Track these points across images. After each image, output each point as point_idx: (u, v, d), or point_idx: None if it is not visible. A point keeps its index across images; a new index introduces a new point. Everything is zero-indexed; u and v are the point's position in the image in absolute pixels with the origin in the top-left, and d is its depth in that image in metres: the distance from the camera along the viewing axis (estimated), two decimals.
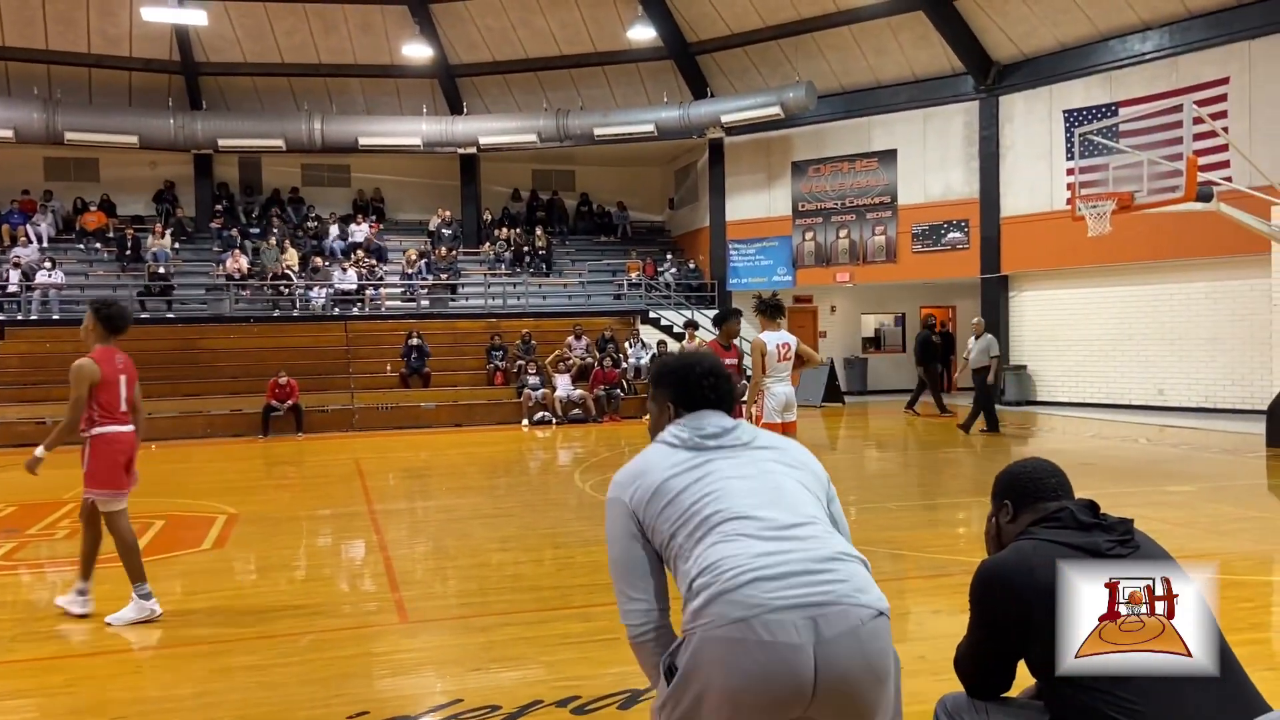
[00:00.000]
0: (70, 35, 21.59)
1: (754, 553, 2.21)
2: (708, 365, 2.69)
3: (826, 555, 2.23)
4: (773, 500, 2.35)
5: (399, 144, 23.25)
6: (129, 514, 6.43)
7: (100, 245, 22.23)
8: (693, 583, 2.23)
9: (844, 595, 2.16)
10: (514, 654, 5.13)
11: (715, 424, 2.56)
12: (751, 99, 21.56)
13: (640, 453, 2.61)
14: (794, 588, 2.14)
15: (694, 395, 2.65)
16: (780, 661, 2.08)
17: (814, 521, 2.34)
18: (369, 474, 12.44)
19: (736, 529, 2.27)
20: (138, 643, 5.47)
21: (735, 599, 2.13)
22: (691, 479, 2.43)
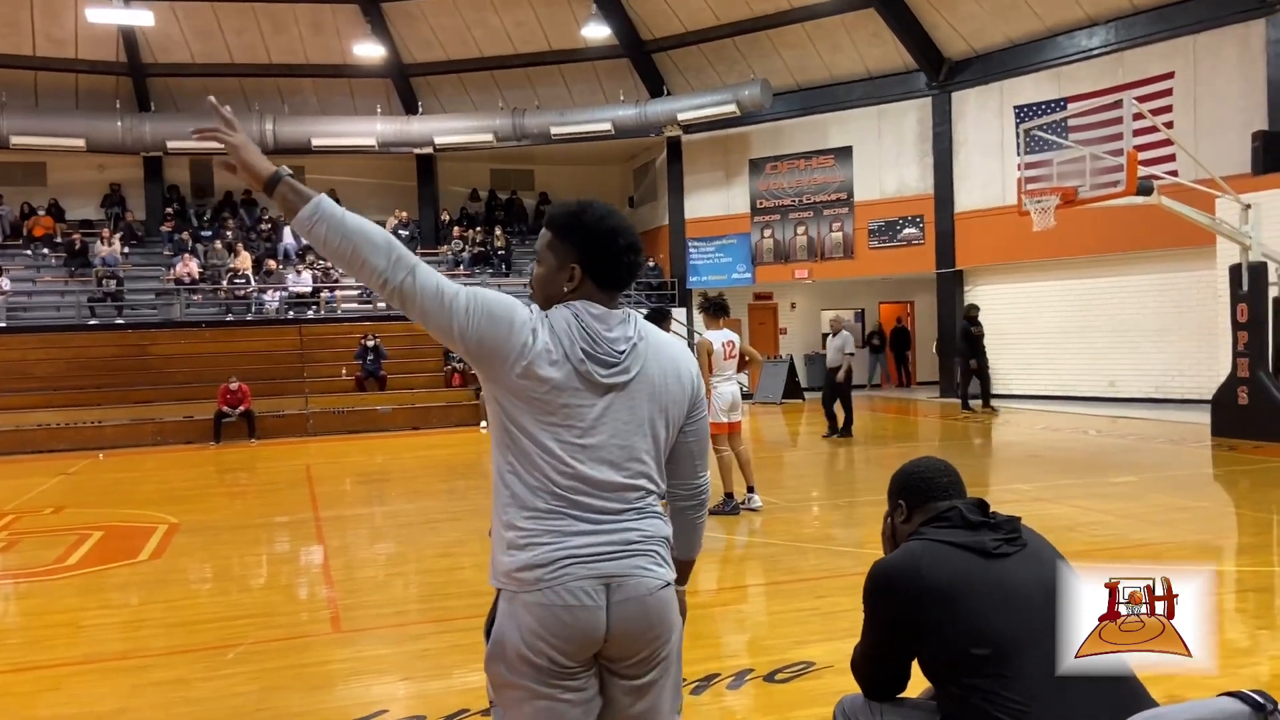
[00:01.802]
0: (14, 38, 21.13)
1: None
2: (632, 235, 2.25)
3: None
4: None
5: (354, 144, 23.01)
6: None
7: (48, 250, 21.80)
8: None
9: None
10: (447, 662, 5.07)
11: (619, 333, 2.18)
12: (707, 97, 21.55)
13: (533, 313, 2.17)
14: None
15: (612, 268, 2.22)
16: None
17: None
18: (319, 480, 12.28)
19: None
20: (58, 658, 5.34)
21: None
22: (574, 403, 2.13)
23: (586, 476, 2.11)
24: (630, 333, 2.18)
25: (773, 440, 15.47)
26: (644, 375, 2.18)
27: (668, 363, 2.24)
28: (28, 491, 11.75)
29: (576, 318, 2.15)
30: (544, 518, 2.10)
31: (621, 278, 2.22)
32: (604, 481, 2.12)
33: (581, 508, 2.11)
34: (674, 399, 2.24)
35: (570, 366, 2.11)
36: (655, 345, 2.23)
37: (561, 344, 2.12)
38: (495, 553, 2.16)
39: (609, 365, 2.14)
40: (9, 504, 10.74)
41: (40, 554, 7.99)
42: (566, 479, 2.10)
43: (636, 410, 2.17)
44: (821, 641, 5.03)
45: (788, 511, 8.81)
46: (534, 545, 2.09)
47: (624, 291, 2.26)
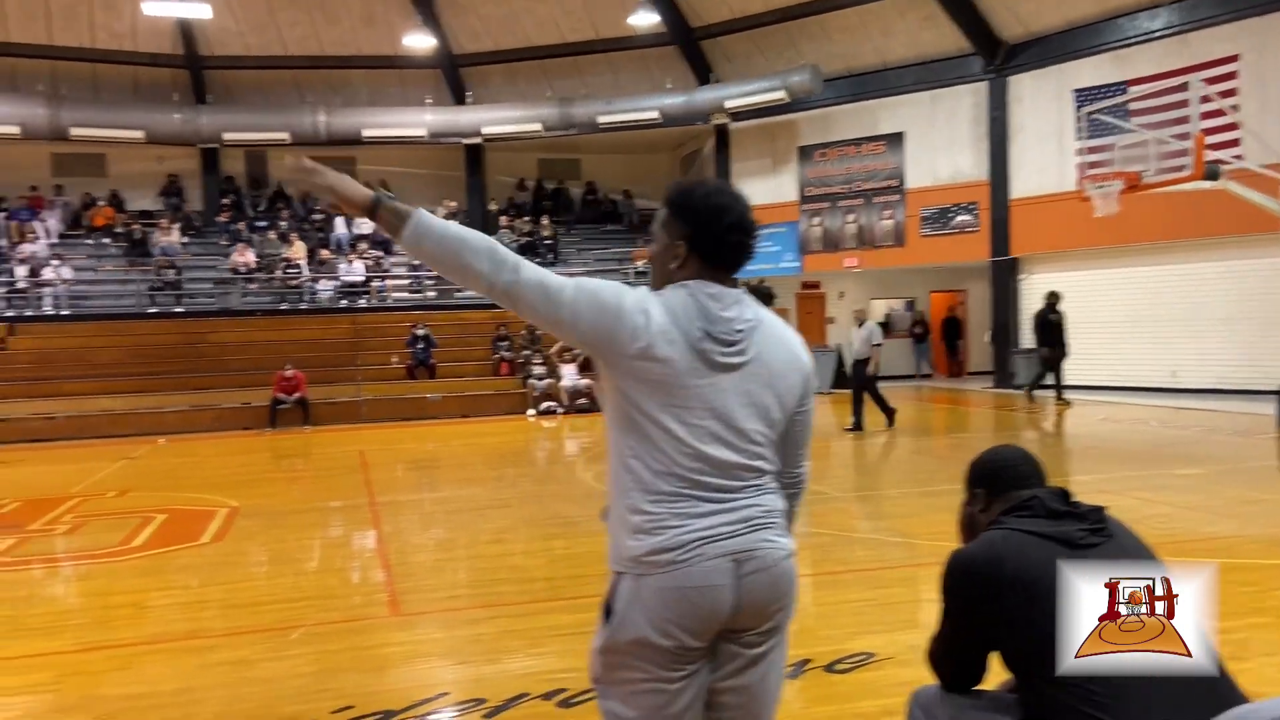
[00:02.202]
0: (74, 30, 21.59)
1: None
2: (739, 214, 2.19)
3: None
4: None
5: (404, 135, 23.19)
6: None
7: (109, 240, 22.30)
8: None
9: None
10: (502, 646, 5.08)
11: (735, 313, 2.15)
12: (756, 84, 21.36)
13: (646, 296, 2.15)
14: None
15: (716, 246, 2.19)
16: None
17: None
18: (373, 466, 12.43)
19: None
20: (125, 638, 5.45)
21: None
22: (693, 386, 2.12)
23: (709, 457, 2.11)
24: (747, 314, 2.17)
25: (820, 431, 15.34)
26: (761, 359, 2.17)
27: (784, 349, 2.24)
28: (92, 475, 12.03)
29: (692, 297, 2.13)
30: (670, 500, 2.10)
31: (727, 257, 2.19)
32: (725, 461, 2.12)
33: (705, 488, 2.11)
34: (789, 386, 2.23)
35: (688, 345, 2.10)
36: (772, 330, 2.22)
37: (679, 323, 2.11)
38: (618, 537, 2.16)
39: (727, 345, 2.13)
40: (74, 487, 11.01)
41: (106, 536, 8.18)
42: (690, 460, 2.10)
43: (753, 393, 2.16)
44: (881, 633, 4.97)
45: (837, 502, 8.73)
46: (662, 529, 2.09)
47: (735, 272, 2.22)
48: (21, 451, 14.62)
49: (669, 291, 2.16)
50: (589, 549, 7.17)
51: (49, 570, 7.41)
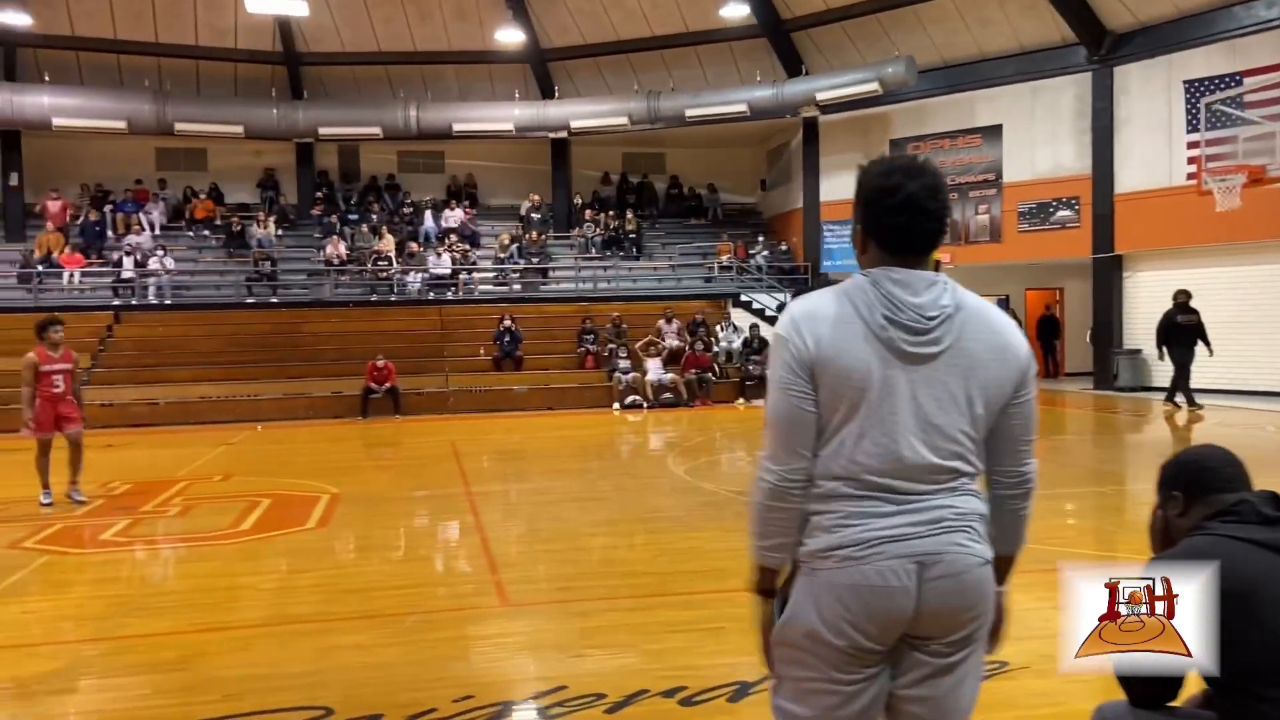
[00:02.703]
0: (178, 28, 22.27)
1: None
2: (908, 193, 2.02)
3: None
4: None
5: (492, 129, 23.38)
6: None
7: (209, 232, 22.98)
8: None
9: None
10: (615, 641, 5.02)
11: (927, 298, 2.01)
12: (848, 76, 20.98)
13: (822, 291, 2.09)
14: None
15: (886, 229, 2.06)
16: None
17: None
18: (464, 456, 12.53)
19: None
20: (244, 620, 5.53)
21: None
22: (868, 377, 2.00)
23: (897, 455, 2.00)
24: (944, 300, 2.01)
25: None
26: (960, 348, 2.01)
27: (990, 336, 2.05)
28: (196, 460, 12.36)
29: (874, 284, 2.02)
30: (850, 500, 2.02)
31: (902, 240, 2.03)
32: (914, 461, 2.00)
33: (889, 489, 2.00)
34: (995, 377, 2.05)
35: (873, 336, 1.99)
36: (976, 316, 2.05)
37: (859, 312, 2.00)
38: (800, 535, 2.09)
39: (916, 333, 1.99)
40: (180, 471, 11.32)
41: (215, 519, 8.37)
42: (871, 459, 2.00)
43: (950, 385, 2.01)
44: (1011, 640, 4.76)
45: None
46: (841, 527, 2.01)
47: (922, 255, 2.05)
48: (128, 435, 15.10)
49: (846, 284, 2.06)
50: (693, 545, 7.07)
51: (164, 551, 7.59)
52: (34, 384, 8.68)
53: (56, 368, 8.77)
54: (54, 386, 8.74)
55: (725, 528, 7.54)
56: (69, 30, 21.76)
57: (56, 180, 22.46)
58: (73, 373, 8.94)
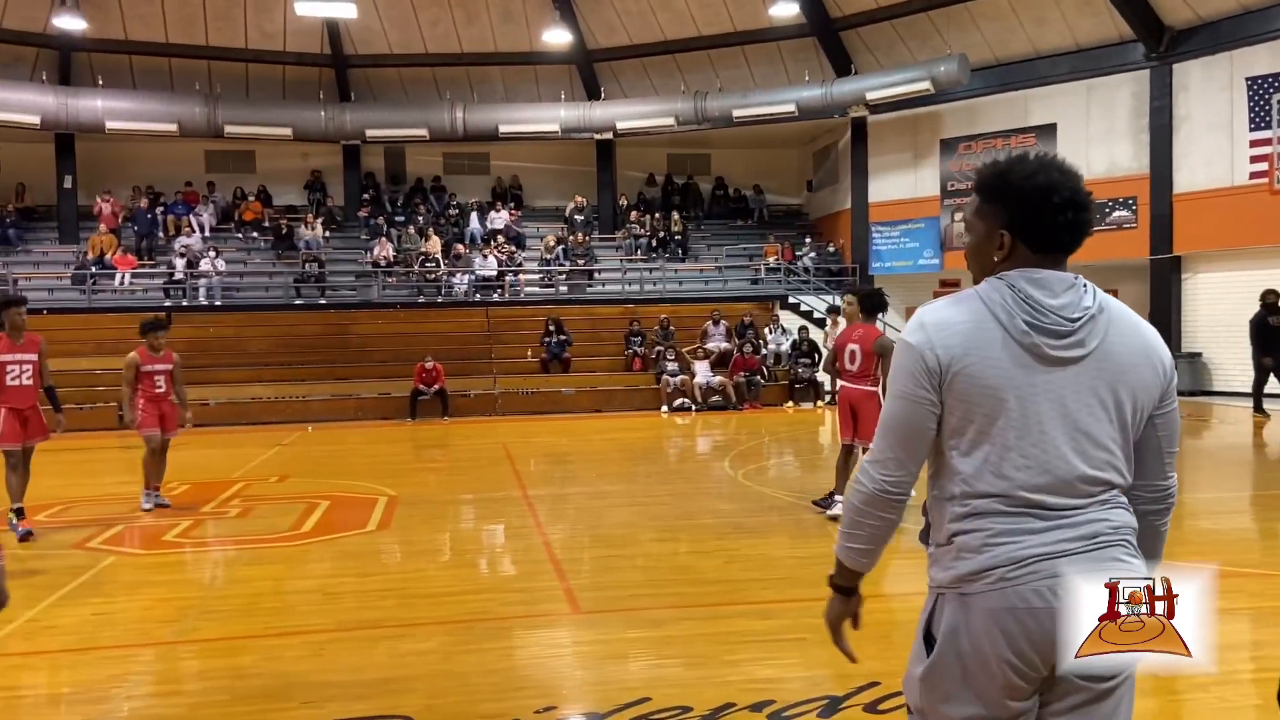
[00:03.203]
0: (229, 31, 22.50)
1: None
2: (1070, 189, 1.95)
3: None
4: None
5: (537, 131, 23.38)
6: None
7: (257, 234, 23.19)
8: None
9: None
10: (693, 651, 4.89)
11: (1069, 299, 1.92)
12: (899, 74, 20.70)
13: (954, 297, 2.01)
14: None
15: (1047, 230, 1.96)
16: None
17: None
18: (517, 458, 12.47)
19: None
20: (315, 625, 5.47)
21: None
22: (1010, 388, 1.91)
23: (1048, 466, 1.90)
24: (1086, 301, 1.94)
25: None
26: (1105, 351, 1.93)
27: (1135, 339, 1.98)
28: (251, 460, 12.42)
29: (1012, 287, 1.93)
30: (1001, 516, 1.91)
31: (1061, 240, 1.96)
32: (1067, 471, 1.90)
33: (1038, 504, 1.90)
34: (1144, 383, 1.97)
35: (1013, 342, 1.90)
36: (1120, 319, 1.97)
37: (998, 318, 1.91)
38: (942, 559, 1.98)
39: (1059, 336, 1.90)
40: (236, 471, 11.36)
41: (276, 521, 8.36)
42: (1020, 471, 1.90)
43: (1098, 390, 1.92)
44: None
45: None
46: (992, 546, 1.90)
47: (1069, 254, 1.99)
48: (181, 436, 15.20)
49: (982, 288, 1.97)
50: (761, 551, 6.93)
51: (228, 553, 7.58)
52: (134, 384, 8.62)
53: (158, 368, 8.72)
54: (156, 387, 8.69)
55: (792, 534, 7.40)
56: (122, 34, 22.07)
57: (109, 183, 22.79)
58: (174, 374, 8.87)
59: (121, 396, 8.85)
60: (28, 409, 7.63)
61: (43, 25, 21.14)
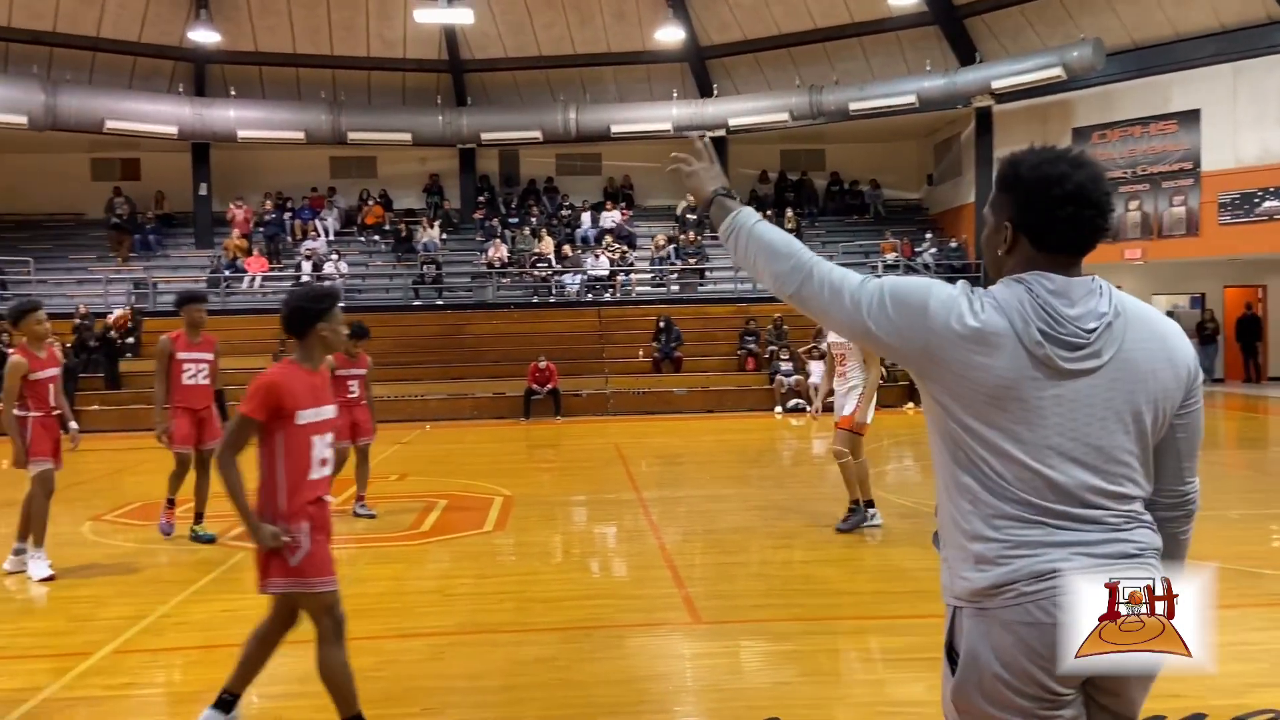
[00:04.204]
0: (352, 40, 23.16)
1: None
2: (1077, 183, 1.81)
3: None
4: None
5: (649, 130, 23.28)
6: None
7: (378, 237, 23.80)
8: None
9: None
10: (824, 668, 4.64)
11: (1085, 308, 1.81)
12: (1028, 61, 19.81)
13: (975, 296, 1.86)
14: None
15: (1047, 225, 1.84)
16: None
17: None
18: (630, 459, 12.35)
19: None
20: (434, 627, 5.42)
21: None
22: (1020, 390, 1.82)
23: (1057, 483, 1.81)
24: (1102, 308, 1.82)
25: None
26: (1122, 358, 1.82)
27: (1153, 342, 1.87)
28: (371, 458, 12.60)
29: (1029, 292, 1.82)
30: (1016, 528, 1.82)
31: (1065, 238, 1.83)
32: (1080, 485, 1.81)
33: (1059, 516, 1.81)
34: (1163, 386, 1.86)
35: (1024, 351, 1.79)
36: (1137, 321, 1.86)
37: (1013, 325, 1.80)
38: (956, 567, 1.89)
39: (1074, 348, 1.80)
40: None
41: (396, 519, 8.43)
42: (1035, 486, 1.81)
43: (1113, 401, 1.82)
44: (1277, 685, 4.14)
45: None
46: (1010, 559, 1.81)
47: (1081, 255, 1.85)
48: None
49: (999, 288, 1.86)
50: (890, 562, 6.61)
51: (348, 551, 7.64)
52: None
53: (353, 373, 8.32)
54: (349, 392, 8.23)
55: (921, 544, 7.02)
56: (252, 46, 22.95)
57: (241, 189, 23.74)
58: (366, 378, 8.46)
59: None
60: (202, 409, 7.39)
61: (179, 39, 22.16)
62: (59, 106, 20.67)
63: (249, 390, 3.64)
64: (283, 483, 3.68)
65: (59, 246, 23.32)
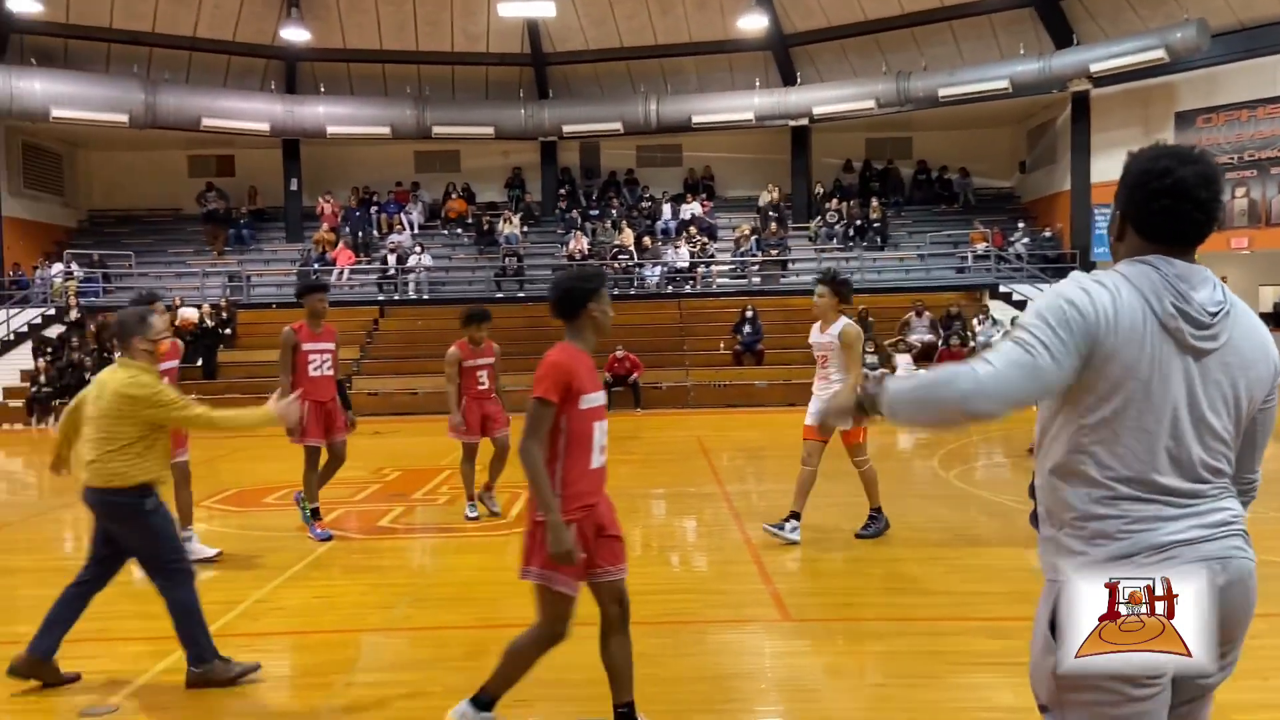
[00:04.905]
0: (437, 36, 23.46)
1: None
2: (1174, 179, 1.92)
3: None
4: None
5: (731, 120, 23.07)
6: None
7: (461, 230, 24.11)
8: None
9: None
10: (918, 670, 4.48)
11: (1206, 294, 1.93)
12: (1129, 43, 19.01)
13: (1097, 274, 1.98)
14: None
15: (1147, 217, 1.96)
16: None
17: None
18: (712, 452, 12.25)
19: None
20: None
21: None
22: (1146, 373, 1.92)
23: (1174, 455, 1.93)
24: (1219, 296, 1.96)
25: None
26: (1233, 346, 1.96)
27: (1255, 336, 2.02)
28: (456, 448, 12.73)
29: (1157, 271, 1.94)
30: (1130, 502, 1.93)
31: (1162, 229, 1.95)
32: (1191, 460, 1.94)
33: (1170, 490, 1.93)
34: (1259, 379, 2.01)
35: (1158, 325, 1.91)
36: (1241, 315, 2.00)
37: (1146, 299, 1.92)
38: (1064, 543, 1.99)
39: (1201, 327, 1.92)
40: (444, 459, 11.69)
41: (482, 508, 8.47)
42: (1153, 458, 1.92)
43: (1222, 385, 1.96)
44: None
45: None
46: (1130, 533, 1.92)
47: (1188, 247, 1.95)
48: (393, 423, 15.96)
49: (1125, 266, 1.98)
50: (985, 562, 6.38)
51: (438, 540, 7.74)
52: (458, 380, 7.78)
53: (480, 363, 7.85)
54: (479, 384, 7.83)
55: (1018, 544, 6.76)
56: (341, 43, 23.41)
57: (329, 184, 24.28)
58: (495, 368, 8.03)
59: (447, 396, 7.92)
60: (329, 400, 7.20)
61: (271, 37, 22.74)
62: (158, 105, 21.40)
63: (538, 373, 3.46)
64: (562, 472, 3.56)
65: (159, 241, 24.22)
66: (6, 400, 18.97)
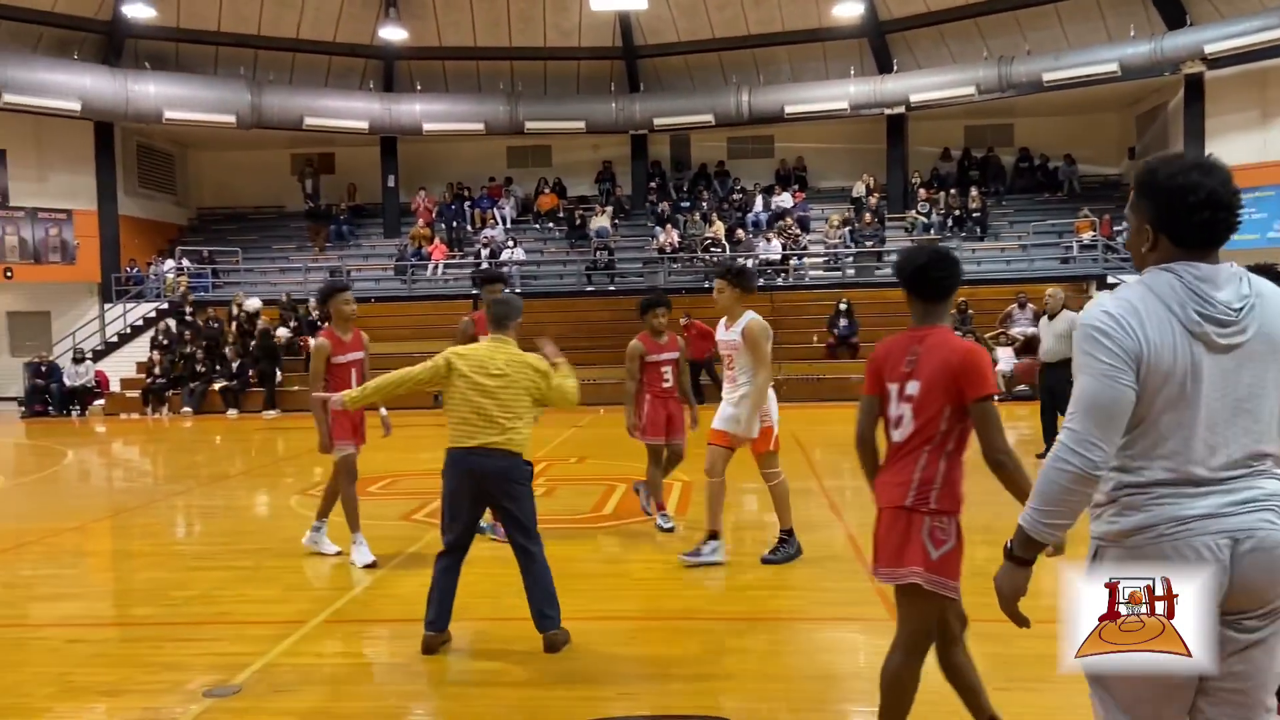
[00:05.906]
0: (529, 32, 23.68)
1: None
2: (1209, 190, 2.04)
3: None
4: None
5: (825, 109, 22.74)
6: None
7: (552, 225, 24.31)
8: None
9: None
10: (1043, 675, 4.32)
11: (1231, 292, 2.06)
12: (1245, 23, 18.09)
13: (1122, 288, 2.16)
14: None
15: (1185, 228, 2.07)
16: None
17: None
18: (808, 446, 12.08)
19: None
20: (626, 610, 5.40)
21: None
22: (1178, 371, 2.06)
23: (1211, 446, 2.05)
24: (1244, 290, 2.08)
25: None
26: (1264, 333, 2.08)
27: None
28: (550, 441, 12.90)
29: (1180, 279, 2.07)
30: (1160, 486, 2.07)
31: (1201, 237, 2.08)
32: (1229, 447, 2.06)
33: (1202, 480, 2.06)
34: None
35: (1184, 331, 2.05)
36: (1270, 299, 2.11)
37: (1170, 308, 2.05)
38: (1099, 511, 2.14)
39: (1226, 325, 2.06)
40: (538, 451, 11.78)
41: (578, 502, 8.54)
42: (1189, 453, 2.05)
43: (1257, 371, 2.08)
44: None
45: None
46: (1156, 505, 2.06)
47: (1217, 249, 2.09)
48: None
49: (1149, 277, 2.12)
50: None
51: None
52: (639, 376, 7.13)
53: (665, 357, 7.13)
54: (664, 381, 7.13)
55: None
56: (436, 41, 23.82)
57: (424, 180, 24.76)
58: (679, 363, 7.31)
59: (624, 394, 7.28)
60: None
61: (370, 37, 23.26)
62: (263, 105, 22.12)
63: (983, 367, 3.12)
64: (953, 474, 3.26)
65: (264, 237, 25.04)
66: (124, 390, 19.88)
